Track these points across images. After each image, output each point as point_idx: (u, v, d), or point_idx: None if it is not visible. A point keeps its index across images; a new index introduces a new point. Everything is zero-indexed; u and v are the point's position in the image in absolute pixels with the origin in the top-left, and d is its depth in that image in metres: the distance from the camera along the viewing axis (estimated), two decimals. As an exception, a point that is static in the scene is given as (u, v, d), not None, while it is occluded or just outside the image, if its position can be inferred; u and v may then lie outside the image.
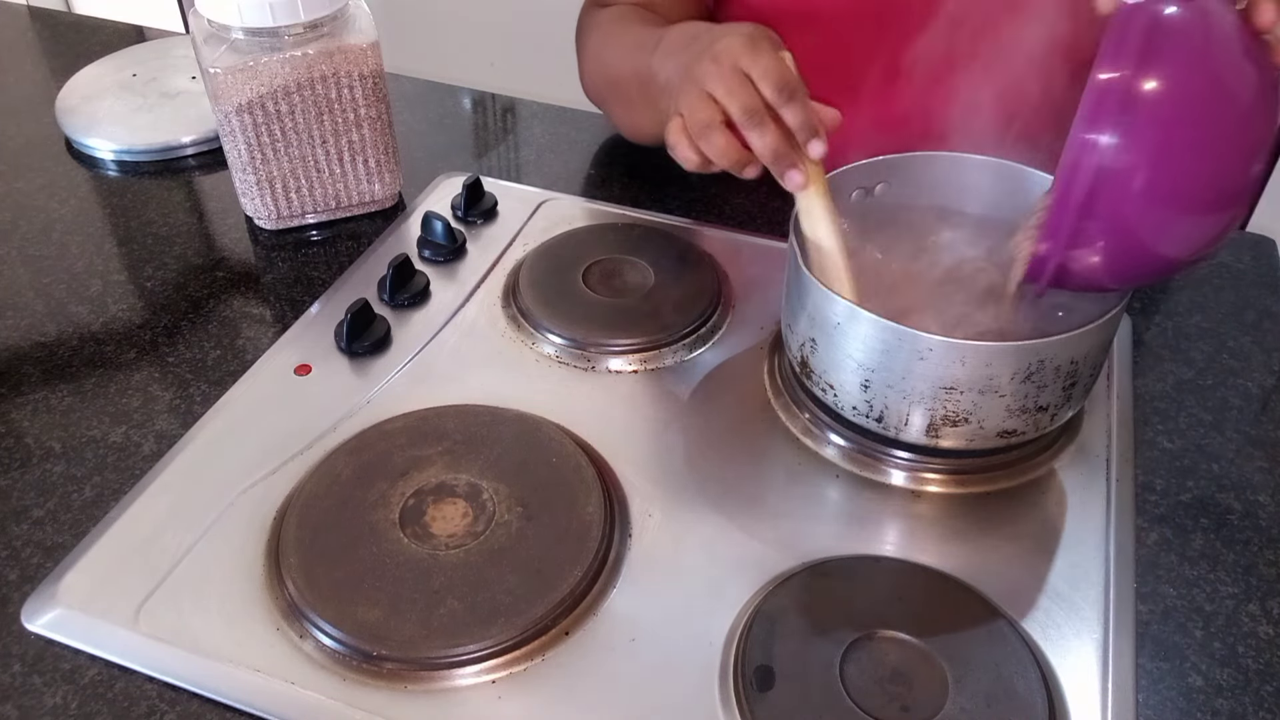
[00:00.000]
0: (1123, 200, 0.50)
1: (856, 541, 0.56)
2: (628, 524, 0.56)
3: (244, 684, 0.49)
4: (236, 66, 0.70)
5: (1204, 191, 0.50)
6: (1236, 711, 0.49)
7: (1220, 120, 0.49)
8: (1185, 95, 0.49)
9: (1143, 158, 0.49)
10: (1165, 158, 0.49)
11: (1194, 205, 0.51)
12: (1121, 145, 0.49)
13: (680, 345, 0.68)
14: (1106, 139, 0.49)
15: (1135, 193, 0.50)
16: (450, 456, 0.58)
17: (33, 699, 0.49)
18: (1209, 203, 0.51)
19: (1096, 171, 0.49)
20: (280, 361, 0.67)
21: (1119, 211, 0.50)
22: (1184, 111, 0.49)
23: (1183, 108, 0.49)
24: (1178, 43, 0.49)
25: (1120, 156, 0.49)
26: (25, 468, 0.60)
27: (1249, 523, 0.58)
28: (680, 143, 0.61)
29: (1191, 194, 0.50)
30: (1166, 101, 0.49)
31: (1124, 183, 0.49)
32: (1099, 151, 0.49)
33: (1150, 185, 0.49)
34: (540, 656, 0.50)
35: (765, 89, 0.58)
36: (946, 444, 0.57)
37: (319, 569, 0.52)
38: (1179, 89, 0.49)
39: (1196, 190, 0.50)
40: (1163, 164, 0.49)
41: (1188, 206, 0.50)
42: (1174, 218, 0.51)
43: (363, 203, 0.80)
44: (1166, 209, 0.50)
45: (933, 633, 0.50)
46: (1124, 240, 0.52)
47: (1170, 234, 0.51)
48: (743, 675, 0.48)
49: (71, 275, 0.75)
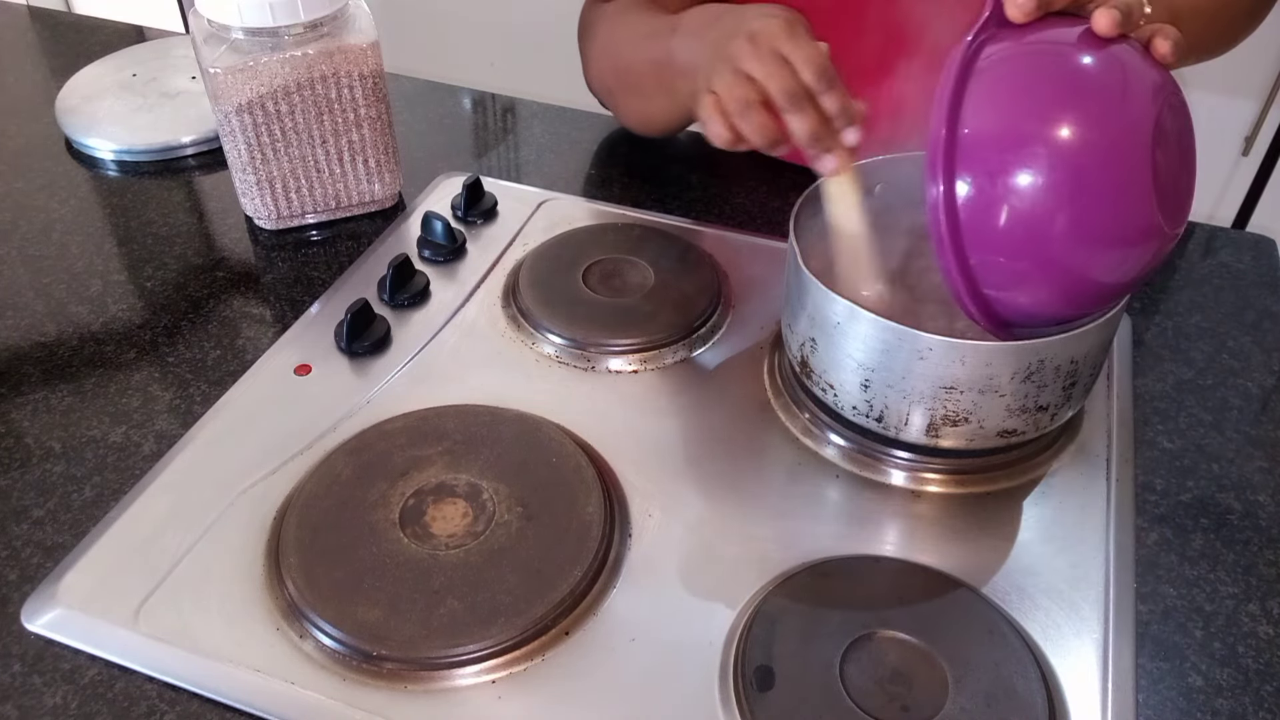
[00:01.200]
0: (999, 238, 0.49)
1: (856, 541, 0.56)
2: (628, 524, 0.56)
3: (244, 684, 0.49)
4: (236, 66, 0.70)
5: (1081, 221, 0.48)
6: (1236, 711, 0.49)
7: (1084, 146, 0.47)
8: (1038, 129, 0.48)
9: (1010, 196, 0.48)
10: (1031, 193, 0.48)
11: (1073, 236, 0.48)
12: (987, 190, 0.48)
13: (680, 345, 0.68)
14: (970, 185, 0.48)
15: (1008, 229, 0.48)
16: (450, 456, 0.58)
17: (33, 699, 0.49)
18: (1092, 231, 0.48)
19: (963, 214, 0.48)
20: (280, 361, 0.67)
21: (1000, 250, 0.49)
22: (1042, 145, 0.47)
23: (1038, 140, 0.48)
24: (1006, 77, 0.49)
25: (989, 200, 0.48)
26: (25, 468, 0.60)
27: (1249, 523, 0.58)
28: (714, 119, 0.61)
29: (1071, 225, 0.48)
30: (1020, 138, 0.48)
31: (995, 222, 0.48)
32: (966, 199, 0.48)
33: (1025, 220, 0.48)
34: (540, 656, 0.50)
35: (806, 74, 0.58)
36: (946, 444, 0.57)
37: (319, 569, 0.52)
38: (1030, 122, 0.48)
39: (1075, 221, 0.48)
40: (1029, 200, 0.48)
41: (1067, 238, 0.48)
42: (1058, 249, 0.49)
43: (363, 203, 0.80)
44: (1052, 241, 0.49)
45: (933, 633, 0.50)
46: (1022, 276, 0.50)
47: (1058, 264, 0.49)
48: (743, 675, 0.48)
49: (71, 275, 0.75)
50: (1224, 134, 1.60)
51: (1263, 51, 1.52)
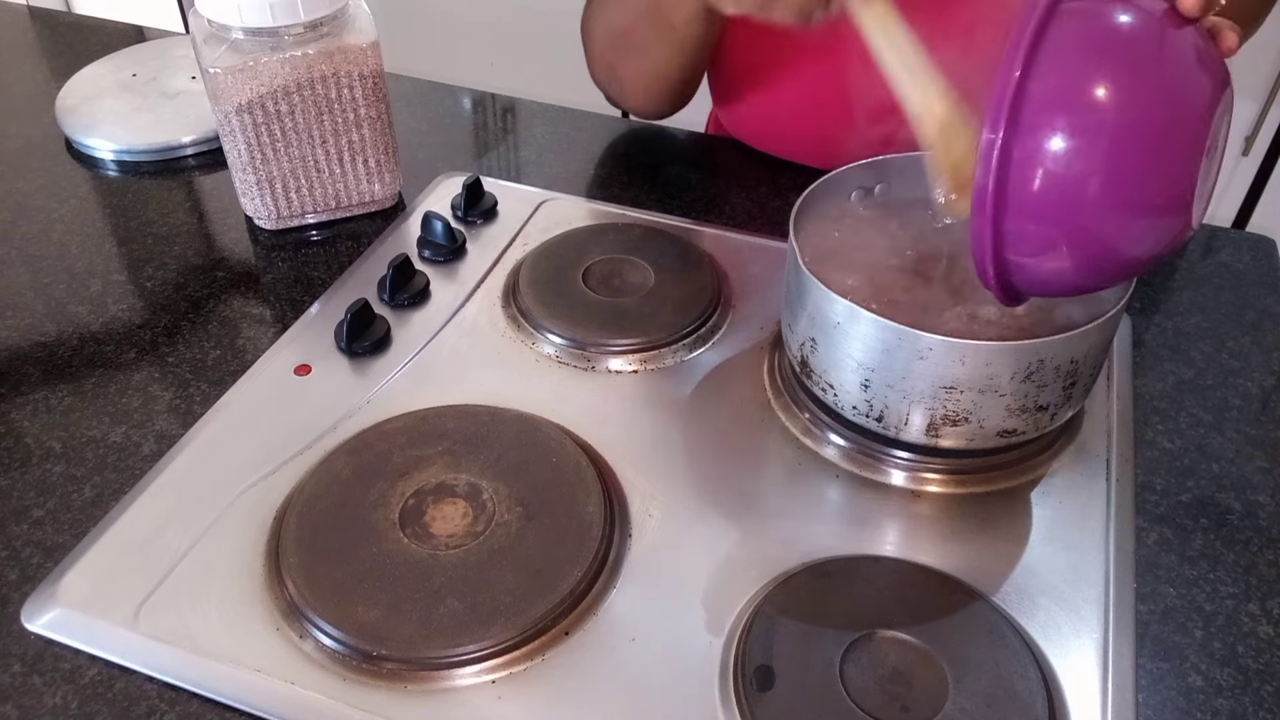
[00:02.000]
0: (1044, 204, 0.48)
1: (856, 541, 0.56)
2: (628, 524, 0.56)
3: (244, 684, 0.49)
4: (236, 66, 0.70)
5: (1130, 194, 0.47)
6: (1236, 711, 0.49)
7: (1148, 118, 0.47)
8: (1108, 93, 0.47)
9: (1066, 162, 0.47)
10: (1088, 160, 0.47)
11: (1119, 208, 0.48)
12: (1045, 149, 0.47)
13: (680, 345, 0.68)
14: (1029, 142, 0.47)
15: (1058, 197, 0.47)
16: (450, 456, 0.58)
17: (33, 699, 0.49)
18: (1138, 205, 0.48)
19: (1017, 175, 0.47)
20: (280, 361, 0.67)
21: (1040, 215, 0.48)
22: (1108, 111, 0.47)
23: (1105, 106, 0.46)
24: (1077, 35, 0.47)
25: (1044, 161, 0.47)
26: (25, 468, 0.60)
27: (1249, 523, 0.58)
28: (736, 5, 0.62)
29: (1117, 197, 0.48)
30: (1087, 101, 0.47)
31: (1047, 187, 0.47)
32: (1022, 155, 0.47)
33: (1075, 189, 0.47)
34: (540, 656, 0.50)
35: None
36: (946, 444, 0.57)
37: (319, 569, 0.52)
38: (1100, 85, 0.47)
39: (1122, 193, 0.47)
40: (1085, 166, 0.47)
41: (1113, 210, 0.48)
42: (1100, 220, 0.48)
43: (363, 203, 0.80)
44: (1093, 212, 0.48)
45: (933, 633, 0.50)
46: (1053, 244, 0.49)
47: (1096, 236, 0.49)
48: (743, 675, 0.48)
49: (71, 275, 0.75)
50: (1224, 134, 1.60)
51: (1263, 51, 1.52)
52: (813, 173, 0.65)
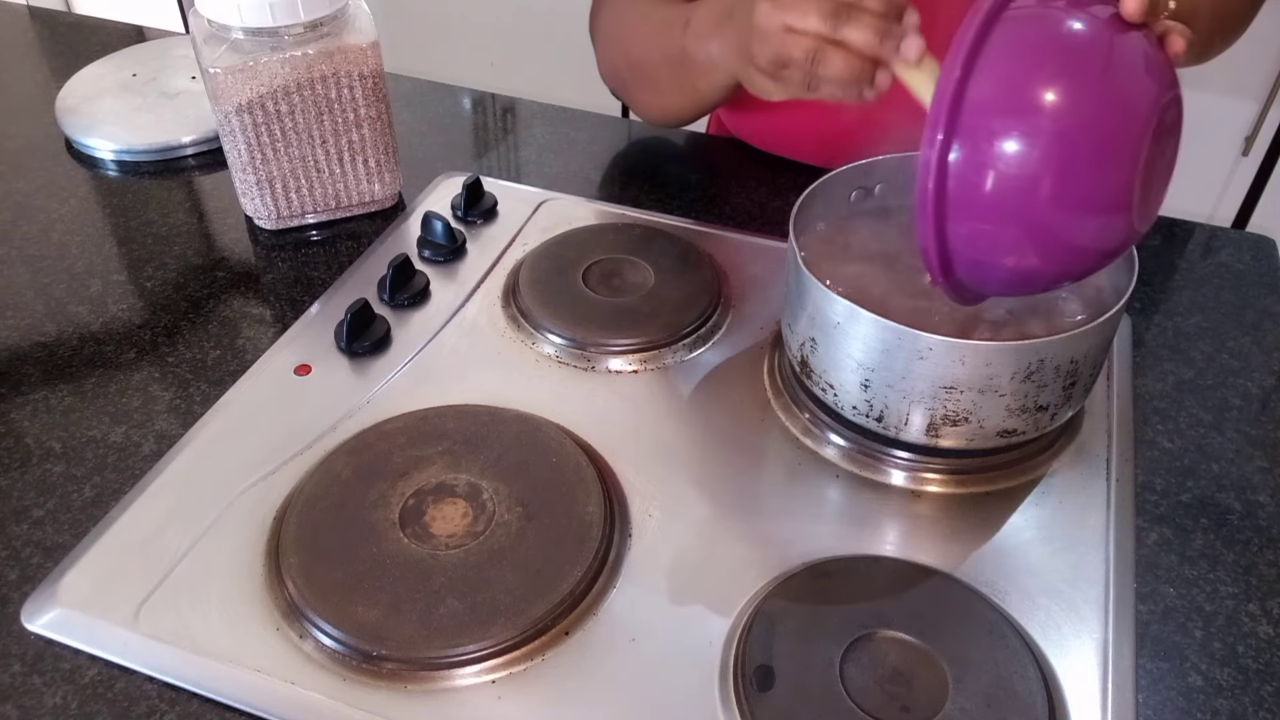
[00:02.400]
0: (983, 204, 0.49)
1: (856, 541, 0.56)
2: (628, 524, 0.56)
3: (244, 684, 0.49)
4: (236, 66, 0.70)
5: (1068, 195, 0.48)
6: (1236, 711, 0.49)
7: (1086, 124, 0.47)
8: (1046, 96, 0.47)
9: (1004, 163, 0.47)
10: (1025, 161, 0.47)
11: (1055, 209, 0.48)
12: (982, 150, 0.47)
13: (680, 345, 0.68)
14: (967, 144, 0.47)
15: (997, 197, 0.48)
16: (450, 456, 0.58)
17: (33, 699, 0.49)
18: (1085, 203, 0.48)
19: (953, 174, 0.48)
20: (280, 361, 0.67)
21: (978, 215, 0.49)
22: (1046, 114, 0.47)
23: (1043, 110, 0.47)
24: (1016, 36, 0.48)
25: (980, 162, 0.48)
26: (25, 468, 0.60)
27: (1249, 523, 0.58)
28: (783, 83, 0.62)
29: (1054, 198, 0.48)
30: (1026, 105, 0.47)
31: (985, 187, 0.48)
32: (960, 156, 0.48)
33: (1015, 189, 0.48)
34: (540, 656, 0.50)
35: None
36: (946, 444, 0.57)
37: (319, 569, 0.52)
38: (1039, 89, 0.47)
39: (1059, 194, 0.48)
40: (1023, 168, 0.47)
41: (1049, 211, 0.48)
42: (1038, 221, 0.49)
43: (363, 203, 0.80)
44: (1031, 213, 0.48)
45: (933, 633, 0.50)
46: (994, 243, 0.50)
47: (1035, 237, 0.49)
48: (743, 675, 0.48)
49: (71, 275, 0.75)
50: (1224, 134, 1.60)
51: (1263, 51, 1.52)
52: (813, 172, 0.65)
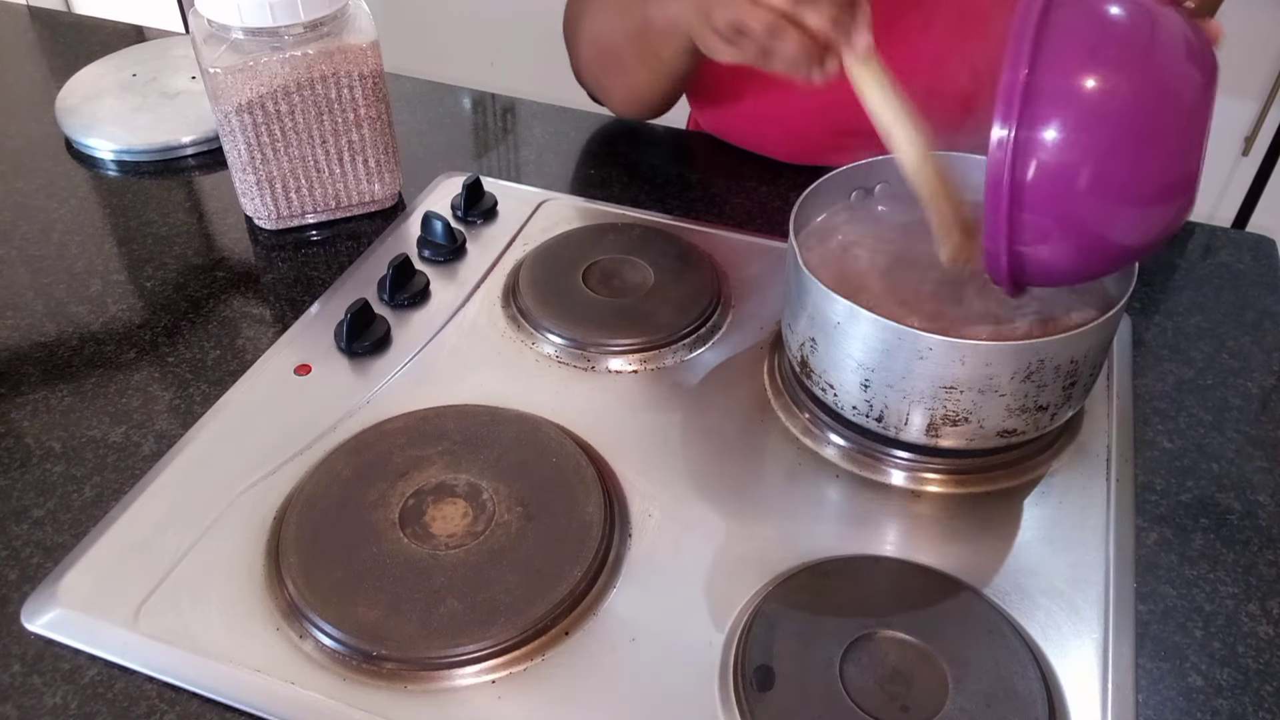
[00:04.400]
0: (1061, 195, 0.49)
1: (856, 541, 0.56)
2: (628, 524, 0.56)
3: (244, 684, 0.49)
4: (236, 66, 0.70)
5: (1146, 181, 0.48)
6: (1236, 711, 0.49)
7: (1157, 105, 0.47)
8: (1118, 82, 0.47)
9: (1082, 152, 0.48)
10: (1104, 150, 0.47)
11: (1136, 196, 0.49)
12: (1059, 141, 0.47)
13: (680, 345, 0.68)
14: (1041, 135, 0.47)
15: (1076, 187, 0.48)
16: (450, 456, 0.58)
17: (33, 699, 0.49)
18: (1153, 191, 0.49)
19: (1032, 168, 0.48)
20: (280, 361, 0.67)
21: (1057, 206, 0.49)
22: (1118, 99, 0.47)
23: (1116, 95, 0.47)
24: (1084, 28, 0.48)
25: (1059, 152, 0.48)
26: (25, 468, 0.60)
27: (1249, 523, 0.58)
28: (733, 45, 0.61)
29: (1133, 185, 0.48)
30: (1099, 92, 0.47)
31: (1063, 178, 0.48)
32: (1035, 148, 0.48)
33: (1092, 179, 0.48)
34: (540, 656, 0.50)
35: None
36: (946, 444, 0.57)
37: (319, 569, 0.52)
38: (1109, 75, 0.47)
39: (1138, 181, 0.48)
40: (1101, 157, 0.48)
41: (1130, 198, 0.49)
42: (1116, 209, 0.49)
43: (363, 203, 0.80)
44: (1109, 201, 0.49)
45: (933, 633, 0.50)
46: (1069, 234, 0.50)
47: (1113, 225, 0.50)
48: (743, 675, 0.48)
49: (71, 275, 0.75)
50: (1224, 134, 1.60)
51: (1263, 51, 1.52)
52: (813, 172, 0.65)
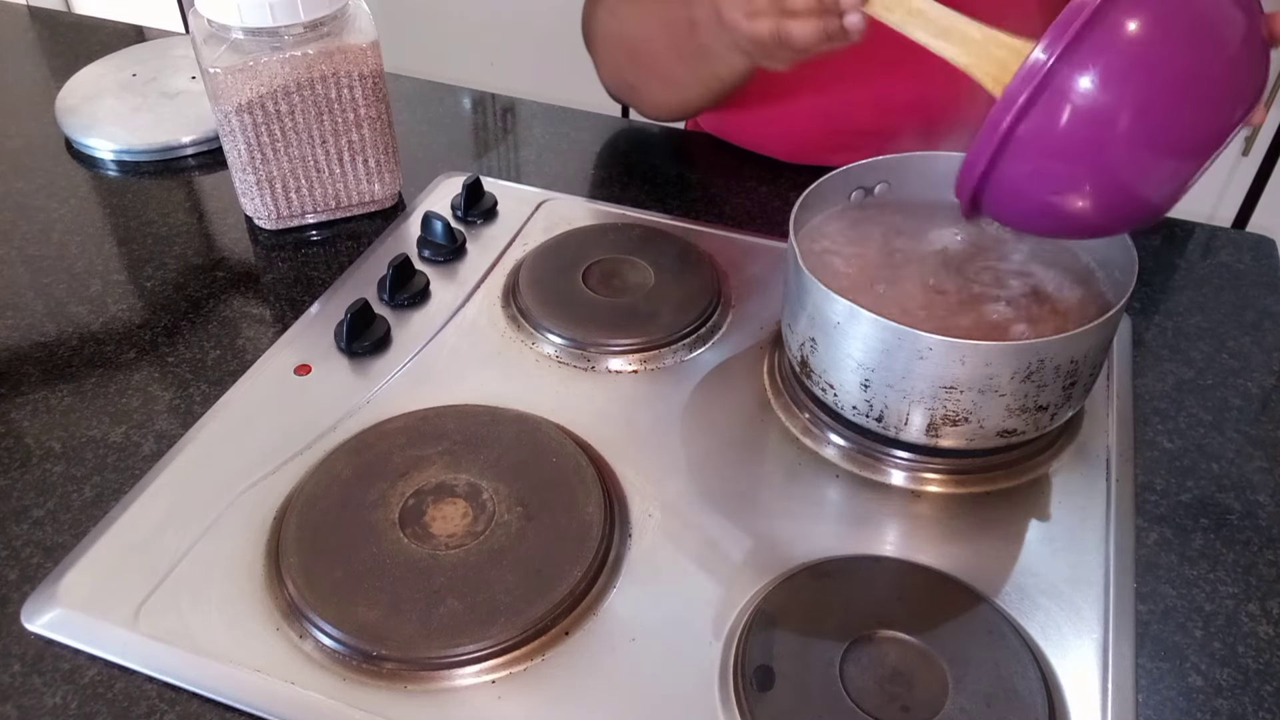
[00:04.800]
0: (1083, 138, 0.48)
1: (856, 541, 0.56)
2: (628, 524, 0.56)
3: (244, 684, 0.49)
4: (236, 66, 0.70)
5: (1168, 136, 0.48)
6: (1236, 711, 0.49)
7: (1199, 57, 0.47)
8: (1158, 30, 0.47)
9: (1112, 96, 0.47)
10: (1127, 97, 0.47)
11: (1150, 149, 0.48)
12: (1094, 83, 0.47)
13: (680, 345, 0.68)
14: (1076, 74, 0.47)
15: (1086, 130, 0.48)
16: (450, 456, 0.58)
17: (33, 699, 0.49)
18: (1169, 148, 0.48)
19: (1053, 101, 0.47)
20: (280, 361, 0.67)
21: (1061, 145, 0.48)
22: (1156, 48, 0.47)
23: (1156, 43, 0.47)
24: None
25: (1093, 94, 0.47)
26: (25, 468, 0.60)
27: (1249, 523, 0.58)
28: (783, 64, 0.63)
29: (1153, 138, 0.48)
30: (1138, 38, 0.47)
31: (1097, 122, 0.47)
32: (1062, 81, 0.47)
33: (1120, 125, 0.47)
34: (540, 656, 0.50)
35: None
36: (946, 444, 0.57)
37: (319, 569, 0.52)
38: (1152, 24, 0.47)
39: (1158, 134, 0.48)
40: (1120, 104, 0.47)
41: (1141, 149, 0.48)
42: (1116, 159, 0.49)
43: (363, 203, 0.80)
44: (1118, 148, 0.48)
45: (933, 633, 0.50)
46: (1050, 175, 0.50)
47: (1103, 177, 0.49)
48: (743, 675, 0.48)
49: (71, 275, 0.75)
50: (1224, 134, 1.60)
51: (1263, 51, 1.52)
52: (813, 172, 0.65)
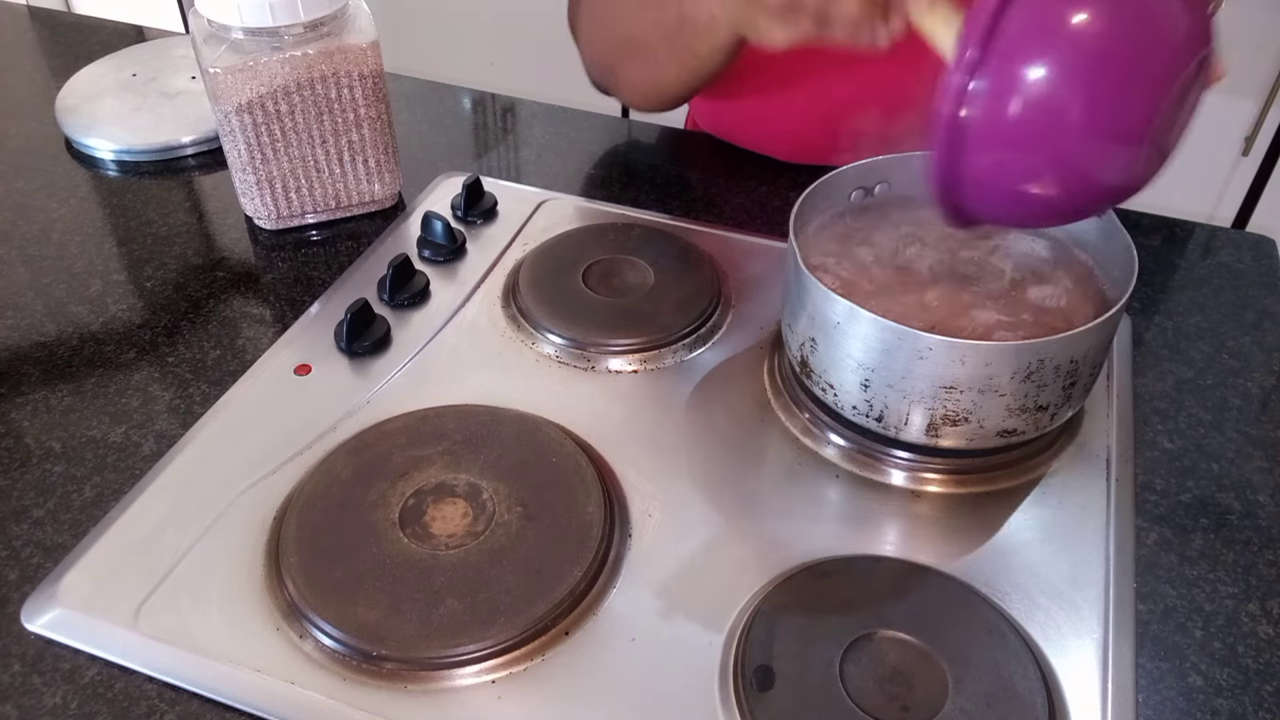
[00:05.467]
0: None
1: (856, 541, 0.56)
2: (628, 524, 0.56)
3: (244, 684, 0.49)
4: (236, 66, 0.70)
5: (1099, 116, 0.48)
6: (1236, 711, 0.49)
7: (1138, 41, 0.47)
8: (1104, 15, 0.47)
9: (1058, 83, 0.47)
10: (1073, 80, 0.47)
11: (1079, 131, 0.48)
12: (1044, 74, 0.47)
13: (680, 345, 0.68)
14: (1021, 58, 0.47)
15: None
16: (450, 456, 0.58)
17: (33, 699, 0.49)
18: (1103, 129, 0.48)
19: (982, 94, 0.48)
20: (280, 361, 0.67)
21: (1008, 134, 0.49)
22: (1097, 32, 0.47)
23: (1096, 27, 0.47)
24: None
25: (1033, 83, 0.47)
26: (25, 468, 0.60)
27: (1249, 523, 0.58)
28: (789, 23, 0.61)
29: (1083, 119, 0.48)
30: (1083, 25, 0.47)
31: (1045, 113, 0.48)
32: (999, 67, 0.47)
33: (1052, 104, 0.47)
34: (540, 656, 0.50)
35: None
36: (946, 444, 0.57)
37: (319, 569, 0.52)
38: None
39: (1087, 114, 0.47)
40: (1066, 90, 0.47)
41: (1075, 133, 0.48)
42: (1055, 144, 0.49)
43: (363, 203, 0.80)
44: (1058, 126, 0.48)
45: (933, 633, 0.50)
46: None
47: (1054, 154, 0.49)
48: (743, 675, 0.48)
49: (71, 275, 0.75)
50: (1224, 134, 1.60)
51: (1262, 52, 1.52)
52: (813, 172, 0.65)
